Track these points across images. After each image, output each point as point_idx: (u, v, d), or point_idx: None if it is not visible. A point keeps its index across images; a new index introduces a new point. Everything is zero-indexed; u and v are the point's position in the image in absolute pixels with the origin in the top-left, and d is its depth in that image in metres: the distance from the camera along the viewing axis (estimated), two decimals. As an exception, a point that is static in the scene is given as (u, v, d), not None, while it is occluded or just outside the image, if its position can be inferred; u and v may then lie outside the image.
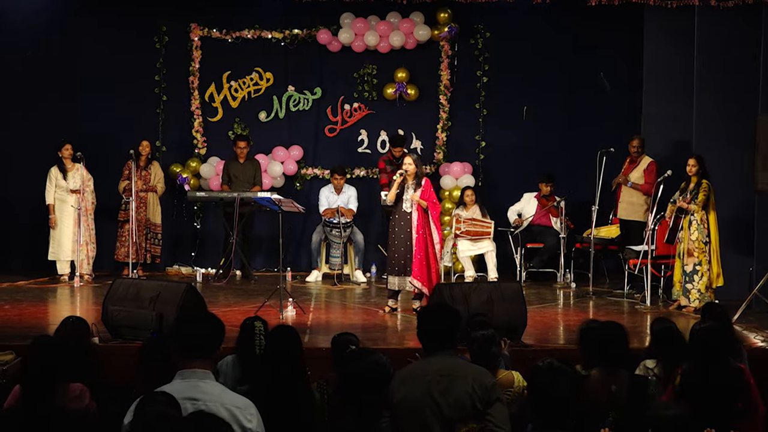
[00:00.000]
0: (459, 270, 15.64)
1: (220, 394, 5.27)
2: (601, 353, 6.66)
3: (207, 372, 5.34)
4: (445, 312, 6.19)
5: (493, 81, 16.77)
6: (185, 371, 5.31)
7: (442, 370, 5.76)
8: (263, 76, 16.87)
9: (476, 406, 5.64)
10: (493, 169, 16.84)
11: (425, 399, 5.67)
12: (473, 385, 5.68)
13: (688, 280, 12.51)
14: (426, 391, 5.68)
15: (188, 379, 5.28)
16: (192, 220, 16.82)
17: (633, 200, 14.10)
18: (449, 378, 5.72)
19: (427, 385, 5.70)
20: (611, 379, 6.55)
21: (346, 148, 16.88)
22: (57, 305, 12.98)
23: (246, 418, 5.20)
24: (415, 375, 5.81)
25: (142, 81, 16.59)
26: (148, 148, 15.50)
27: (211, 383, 5.32)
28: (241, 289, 14.35)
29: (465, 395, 5.66)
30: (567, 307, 13.20)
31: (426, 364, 5.91)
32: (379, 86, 16.80)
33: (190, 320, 5.62)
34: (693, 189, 12.61)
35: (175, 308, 9.57)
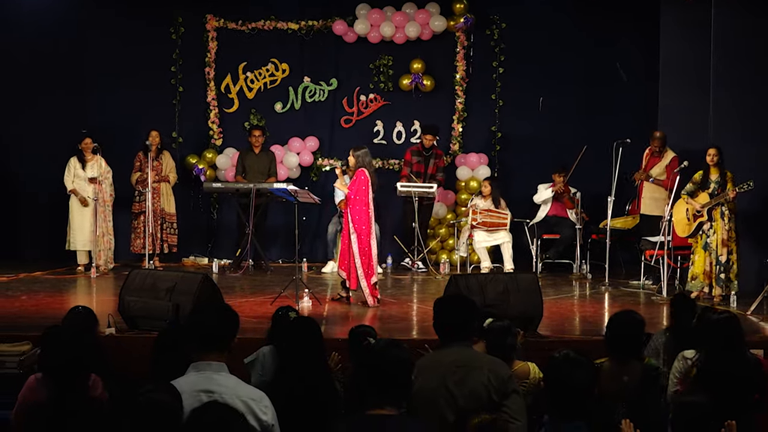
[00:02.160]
0: (475, 261, 15.62)
1: (235, 387, 5.26)
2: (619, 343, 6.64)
3: (221, 364, 5.33)
4: (461, 303, 6.17)
5: (508, 72, 16.74)
6: (200, 363, 5.30)
7: (457, 361, 5.75)
8: (279, 67, 16.87)
9: (492, 397, 5.63)
10: (508, 160, 16.82)
11: (440, 390, 5.66)
12: (489, 376, 5.67)
13: (721, 270, 12.43)
14: (441, 382, 5.67)
15: (203, 371, 5.26)
16: (208, 212, 16.84)
17: (656, 195, 14.04)
18: (465, 369, 5.71)
19: (443, 376, 5.69)
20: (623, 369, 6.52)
21: (362, 139, 16.79)
22: (74, 296, 12.99)
23: (261, 410, 5.19)
24: (430, 366, 5.79)
25: (158, 72, 16.62)
26: (158, 138, 15.48)
27: (226, 375, 5.31)
28: (257, 280, 14.34)
29: (481, 386, 5.65)
30: (583, 298, 13.16)
31: (441, 355, 5.90)
32: (394, 77, 16.79)
33: (205, 312, 5.61)
34: (718, 179, 12.54)
35: (191, 299, 9.55)
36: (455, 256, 15.93)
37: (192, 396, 5.01)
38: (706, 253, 12.54)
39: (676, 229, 12.93)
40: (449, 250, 16.52)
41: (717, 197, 12.44)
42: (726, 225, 12.42)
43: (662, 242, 12.96)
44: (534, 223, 15.47)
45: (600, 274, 14.24)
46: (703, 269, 12.59)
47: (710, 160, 12.61)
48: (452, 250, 16.32)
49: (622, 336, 6.64)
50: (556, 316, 11.13)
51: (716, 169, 12.60)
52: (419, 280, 14.78)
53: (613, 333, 6.71)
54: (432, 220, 16.40)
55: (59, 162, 15.24)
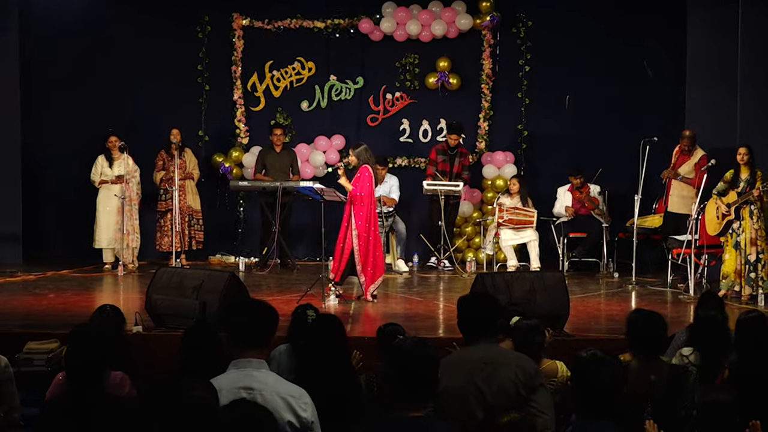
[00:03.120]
0: (501, 259, 15.59)
1: (275, 384, 5.25)
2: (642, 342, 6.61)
3: (261, 361, 5.32)
4: (485, 300, 6.17)
5: (535, 70, 16.71)
6: (240, 361, 5.29)
7: (484, 358, 5.75)
8: (305, 65, 16.89)
9: (520, 392, 5.63)
10: (535, 158, 16.79)
11: (469, 387, 5.66)
12: (516, 372, 5.67)
13: (751, 269, 12.38)
14: (469, 379, 5.67)
15: (243, 368, 5.25)
16: (234, 210, 16.87)
17: (684, 194, 13.98)
18: (492, 365, 5.71)
19: (470, 373, 5.69)
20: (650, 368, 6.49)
21: (388, 138, 16.86)
22: (101, 294, 13.03)
23: (301, 407, 5.18)
24: (457, 363, 5.79)
25: (184, 71, 16.68)
26: (179, 136, 15.46)
27: (266, 372, 5.30)
28: (283, 278, 14.36)
29: (509, 382, 5.65)
30: (610, 296, 13.11)
31: (468, 352, 5.89)
32: (420, 75, 16.79)
33: (245, 309, 5.58)
34: (748, 178, 12.48)
35: (218, 297, 9.57)
36: (481, 255, 15.90)
37: (232, 393, 5.01)
38: (737, 252, 12.48)
39: (707, 227, 12.86)
40: (475, 248, 16.50)
41: (743, 196, 12.38)
42: (755, 224, 12.36)
43: (689, 241, 12.90)
44: (561, 221, 15.43)
45: (627, 272, 14.19)
46: (734, 268, 12.52)
47: (740, 159, 12.55)
48: (478, 248, 16.30)
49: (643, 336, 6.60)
50: (582, 315, 11.09)
51: (746, 168, 12.53)
52: (445, 278, 14.76)
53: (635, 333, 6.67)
54: (458, 219, 16.39)
55: (85, 160, 15.33)
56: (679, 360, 6.96)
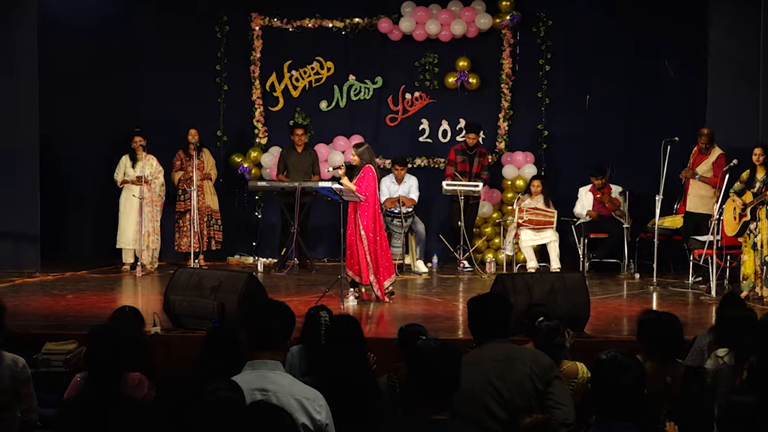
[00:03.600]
0: (521, 260, 15.55)
1: (290, 385, 5.25)
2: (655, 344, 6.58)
3: (277, 363, 5.32)
4: (498, 302, 6.18)
5: (555, 69, 16.66)
6: (255, 362, 5.29)
7: (497, 356, 5.78)
8: (324, 65, 16.90)
9: (536, 386, 5.66)
10: (555, 158, 16.75)
11: (484, 385, 5.67)
12: (531, 366, 5.71)
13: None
14: (484, 377, 5.68)
15: (258, 369, 5.25)
16: (253, 210, 16.89)
17: (702, 193, 13.92)
18: (506, 362, 5.73)
19: (484, 371, 5.70)
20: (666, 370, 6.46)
21: (407, 138, 16.85)
22: (119, 295, 13.06)
23: (315, 409, 5.17)
24: (471, 363, 5.77)
25: (203, 70, 16.70)
26: (197, 136, 15.49)
27: (281, 374, 5.29)
28: (302, 279, 14.36)
29: (524, 376, 5.67)
30: (631, 298, 13.06)
31: (481, 351, 5.91)
32: (440, 75, 16.77)
33: (262, 309, 5.58)
34: (764, 178, 12.42)
35: (236, 298, 9.58)
36: (501, 256, 15.87)
37: (247, 394, 5.00)
38: (755, 253, 12.42)
39: (725, 228, 12.81)
40: (495, 249, 16.47)
41: (759, 197, 12.32)
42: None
43: (711, 241, 12.84)
44: (581, 222, 15.39)
45: (648, 273, 14.12)
46: (753, 269, 12.47)
47: (756, 159, 12.50)
48: (498, 249, 16.27)
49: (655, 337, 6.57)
50: (603, 317, 11.05)
51: (763, 168, 12.47)
52: (465, 279, 14.74)
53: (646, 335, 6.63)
54: (478, 219, 16.37)
55: (105, 159, 15.45)
56: (714, 362, 6.90)
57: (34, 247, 14.99)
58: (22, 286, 13.32)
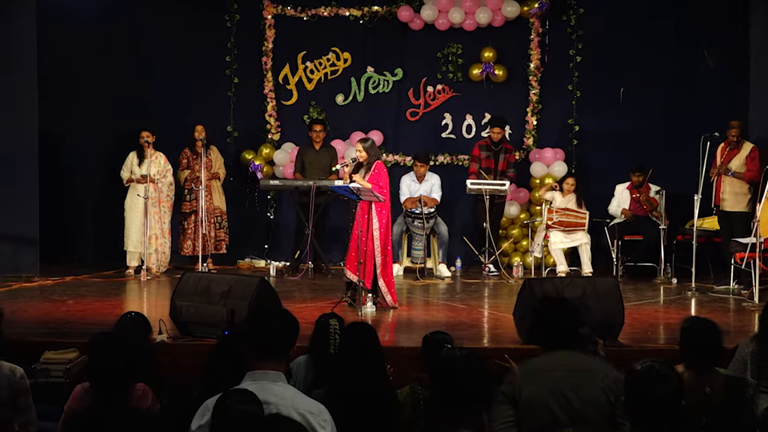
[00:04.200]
0: (550, 264, 15.52)
1: (293, 398, 5.23)
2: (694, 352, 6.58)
3: (279, 374, 5.31)
4: (573, 309, 6.19)
5: (587, 61, 16.61)
6: (256, 372, 5.28)
7: (570, 365, 5.80)
8: (340, 56, 16.89)
9: (610, 399, 5.69)
10: (587, 155, 16.70)
11: (554, 395, 5.69)
12: (604, 379, 5.72)
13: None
14: (554, 387, 5.71)
15: (259, 380, 5.24)
16: (265, 211, 16.89)
17: (736, 190, 13.89)
18: (579, 373, 5.75)
19: (556, 380, 5.73)
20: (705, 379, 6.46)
21: (429, 133, 16.83)
22: (123, 300, 13.08)
23: (319, 424, 5.15)
24: (542, 371, 5.82)
25: (211, 62, 16.70)
26: (204, 132, 15.48)
27: (284, 386, 5.28)
28: (316, 284, 14.37)
29: (598, 390, 5.69)
30: (668, 304, 13.03)
31: (552, 358, 5.92)
32: (464, 67, 16.75)
33: (263, 317, 5.58)
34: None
35: (247, 304, 9.56)
36: (529, 259, 15.86)
37: None
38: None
39: (761, 228, 12.73)
40: (523, 252, 16.46)
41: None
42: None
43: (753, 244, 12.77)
44: (615, 222, 15.35)
45: (686, 278, 14.10)
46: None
47: None
48: (526, 252, 16.26)
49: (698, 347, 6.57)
50: (638, 324, 11.03)
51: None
52: (490, 284, 14.73)
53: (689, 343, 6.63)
54: (504, 220, 16.36)
55: (109, 156, 15.45)
56: None
57: (32, 249, 15.00)
58: (20, 291, 13.34)
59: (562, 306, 6.23)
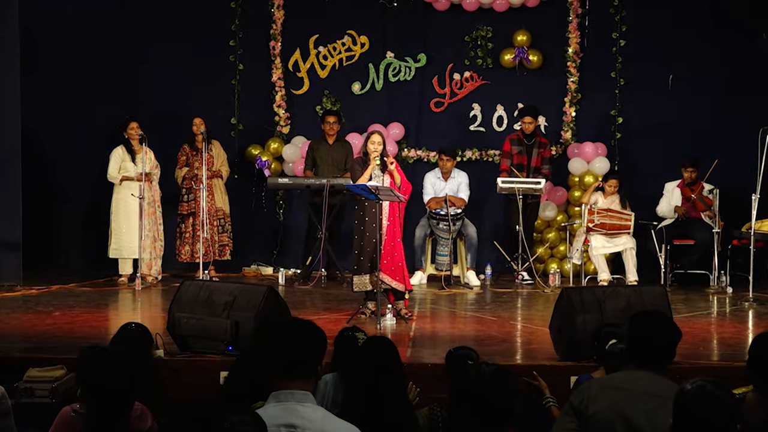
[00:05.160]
0: (591, 271, 15.51)
1: (323, 420, 5.15)
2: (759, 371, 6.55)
3: (306, 393, 5.21)
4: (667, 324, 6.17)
5: (631, 45, 16.60)
6: (281, 393, 5.20)
7: (649, 388, 5.78)
8: (357, 40, 16.91)
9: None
10: (631, 150, 16.68)
11: (624, 418, 5.68)
12: None
13: None
14: (626, 410, 5.70)
15: (285, 402, 5.16)
16: (273, 212, 16.91)
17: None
18: (658, 399, 5.71)
19: (631, 403, 5.71)
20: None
21: (456, 126, 16.84)
22: (115, 312, 13.09)
23: None
24: (617, 389, 5.81)
25: (214, 47, 16.74)
26: (204, 125, 15.47)
27: (312, 407, 5.19)
28: (330, 293, 14.37)
29: None
30: (722, 316, 12.99)
31: (631, 377, 5.90)
32: (494, 52, 16.76)
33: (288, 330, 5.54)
34: None
35: (253, 316, 9.55)
36: (567, 266, 15.83)
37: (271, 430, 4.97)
38: None
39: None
40: (560, 258, 16.45)
41: None
42: None
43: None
44: (664, 224, 15.31)
45: (743, 287, 14.08)
46: None
47: None
48: (564, 258, 16.24)
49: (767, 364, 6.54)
50: (688, 338, 10.98)
51: None
52: (524, 294, 14.71)
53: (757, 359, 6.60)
54: (539, 223, 16.34)
55: (101, 154, 15.40)
56: None
57: (15, 255, 15.03)
58: (1, 302, 13.35)
59: (658, 321, 6.20)
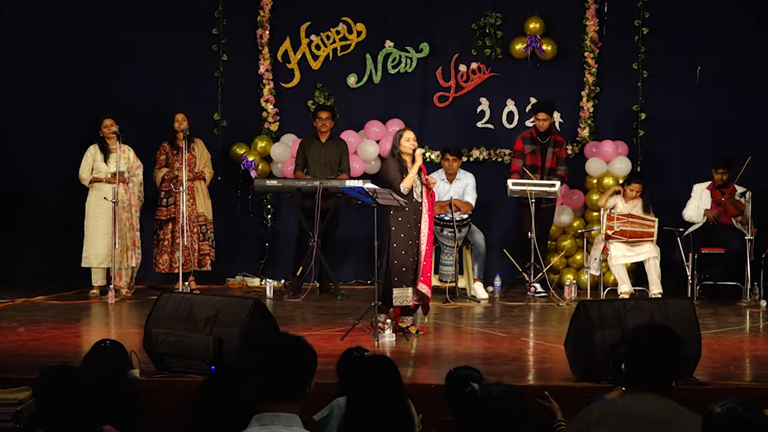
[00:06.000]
0: (610, 283, 15.51)
1: None
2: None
3: (293, 416, 5.20)
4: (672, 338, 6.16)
5: (655, 33, 16.59)
6: (265, 415, 5.19)
7: (655, 414, 5.76)
8: (353, 28, 16.91)
9: None
10: (655, 149, 16.67)
11: None
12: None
13: None
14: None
15: (269, 425, 5.17)
16: (261, 217, 16.91)
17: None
18: (664, 426, 5.70)
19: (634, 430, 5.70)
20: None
21: (462, 122, 16.84)
22: (86, 327, 13.11)
23: None
24: (620, 415, 5.79)
25: (195, 36, 16.72)
26: (186, 122, 15.42)
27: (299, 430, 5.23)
28: (323, 307, 14.38)
29: None
30: (755, 332, 13.01)
31: (636, 401, 5.89)
32: (504, 41, 16.76)
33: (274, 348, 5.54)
34: None
35: (238, 332, 9.57)
36: (584, 277, 15.84)
37: None
38: None
39: None
40: (576, 268, 16.45)
41: None
42: None
43: None
44: (691, 231, 15.30)
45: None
46: None
47: None
48: (580, 268, 16.25)
49: None
50: (718, 356, 11.01)
51: None
52: (537, 307, 14.72)
53: None
54: (553, 229, 16.33)
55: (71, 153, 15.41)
56: None
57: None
58: (-40, 316, 13.42)
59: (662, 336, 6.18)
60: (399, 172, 12.00)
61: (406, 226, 11.96)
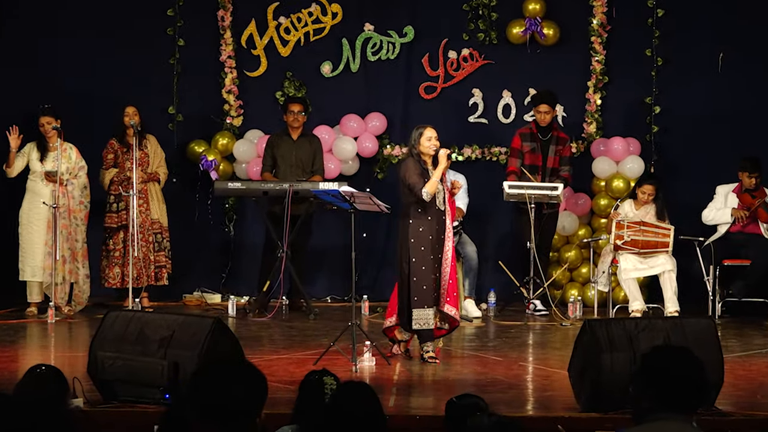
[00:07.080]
0: (620, 299, 15.52)
1: None
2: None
3: None
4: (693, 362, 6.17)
5: (670, 16, 16.62)
6: None
7: None
8: (327, 9, 16.91)
9: None
10: (671, 147, 16.70)
11: None
12: None
13: None
14: None
15: None
16: (222, 225, 16.89)
17: None
18: None
19: None
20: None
21: (452, 117, 16.85)
22: (22, 350, 13.11)
23: None
24: None
25: (147, 20, 16.70)
26: (137, 117, 15.40)
27: None
28: (294, 327, 14.41)
29: None
30: (785, 355, 13.07)
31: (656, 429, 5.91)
32: (500, 24, 16.77)
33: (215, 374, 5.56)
34: None
35: (196, 354, 9.58)
36: (591, 293, 15.86)
37: None
38: None
39: None
40: (582, 283, 16.47)
41: None
42: None
43: None
44: (713, 240, 15.31)
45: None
46: None
47: None
48: (587, 283, 16.27)
49: None
50: (743, 382, 11.04)
51: None
52: (536, 327, 14.76)
53: None
54: (556, 238, 16.35)
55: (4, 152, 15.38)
56: None
57: None
58: None
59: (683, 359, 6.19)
60: (420, 176, 11.95)
61: (428, 237, 11.91)
